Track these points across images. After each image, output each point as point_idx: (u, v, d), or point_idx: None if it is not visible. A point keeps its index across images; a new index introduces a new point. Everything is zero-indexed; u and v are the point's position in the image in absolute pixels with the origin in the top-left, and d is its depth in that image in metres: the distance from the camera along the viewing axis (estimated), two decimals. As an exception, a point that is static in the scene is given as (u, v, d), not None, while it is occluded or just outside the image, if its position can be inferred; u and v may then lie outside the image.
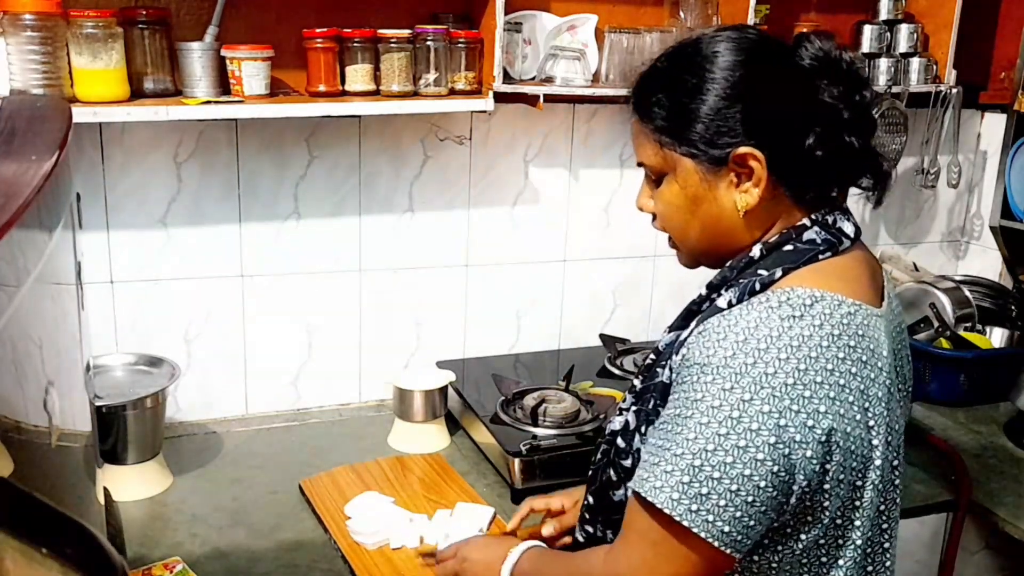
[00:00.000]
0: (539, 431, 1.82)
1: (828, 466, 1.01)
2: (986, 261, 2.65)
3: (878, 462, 1.06)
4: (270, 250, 2.01)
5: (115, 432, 1.69)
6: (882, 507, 1.13)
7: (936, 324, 2.27)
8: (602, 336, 2.29)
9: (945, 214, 2.70)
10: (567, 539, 1.43)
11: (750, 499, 0.98)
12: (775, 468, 0.98)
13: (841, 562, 1.09)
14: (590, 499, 1.23)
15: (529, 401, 1.91)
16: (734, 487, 0.98)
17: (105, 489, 1.39)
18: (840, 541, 1.08)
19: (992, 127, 2.58)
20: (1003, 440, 2.06)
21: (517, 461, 1.74)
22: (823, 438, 1.00)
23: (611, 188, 2.26)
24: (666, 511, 1.00)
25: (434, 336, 2.20)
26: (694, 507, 0.99)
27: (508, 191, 2.18)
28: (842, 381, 1.01)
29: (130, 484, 1.71)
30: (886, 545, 1.16)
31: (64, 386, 0.95)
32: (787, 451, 0.98)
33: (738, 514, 0.99)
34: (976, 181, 2.67)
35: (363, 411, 2.15)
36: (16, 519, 0.58)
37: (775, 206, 1.11)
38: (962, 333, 2.29)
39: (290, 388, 2.11)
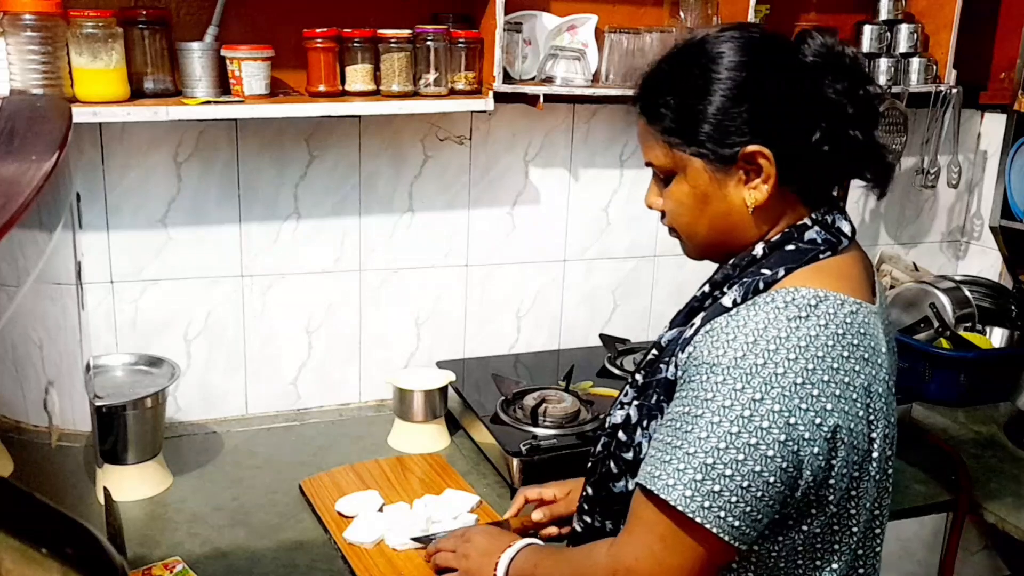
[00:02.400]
0: (539, 431, 1.82)
1: (833, 461, 1.05)
2: (986, 261, 2.65)
3: (875, 454, 1.10)
4: (270, 250, 2.01)
5: (115, 432, 1.69)
6: (878, 497, 1.16)
7: (936, 324, 2.27)
8: (602, 336, 2.29)
9: (945, 214, 2.70)
10: (553, 529, 1.48)
11: (759, 494, 1.01)
12: (784, 464, 1.01)
13: (838, 547, 1.12)
14: (589, 490, 1.25)
15: (529, 401, 1.91)
16: (745, 483, 1.01)
17: (105, 489, 1.39)
18: (838, 530, 1.11)
19: (992, 127, 2.58)
20: (1003, 440, 2.06)
21: (517, 461, 1.74)
22: (829, 435, 1.03)
23: (611, 188, 2.26)
24: (679, 508, 1.02)
25: (434, 336, 2.20)
26: (707, 504, 1.01)
27: (508, 191, 2.18)
28: (847, 379, 1.04)
29: (130, 484, 1.71)
30: (877, 531, 1.19)
31: (64, 386, 0.95)
32: (796, 448, 1.01)
33: (748, 509, 1.02)
34: (976, 181, 2.67)
35: (363, 411, 2.15)
36: (16, 519, 0.58)
37: (783, 202, 1.13)
38: (962, 333, 2.29)
39: (290, 388, 2.11)
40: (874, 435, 1.09)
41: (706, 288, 1.17)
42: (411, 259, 2.13)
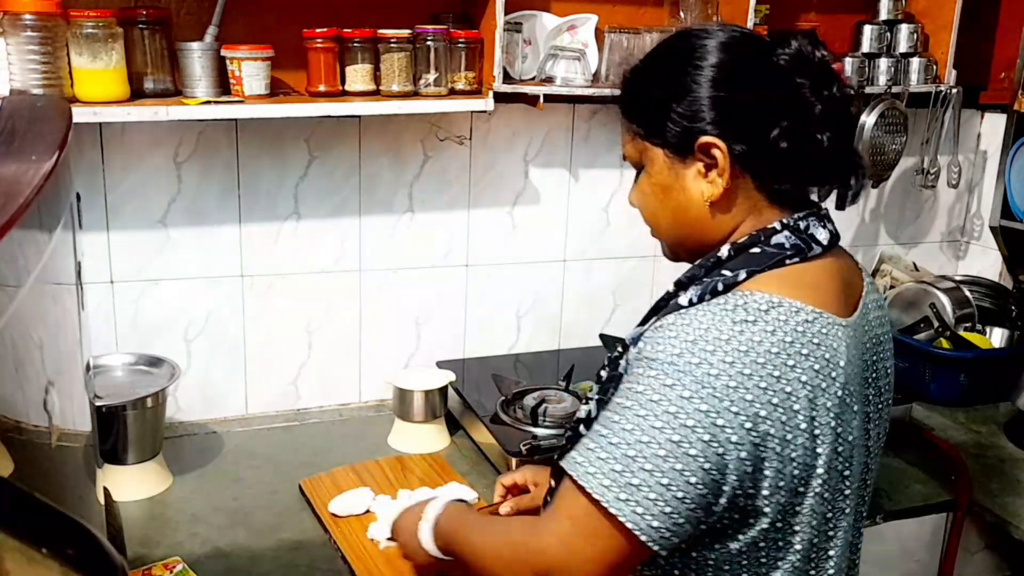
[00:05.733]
0: (539, 431, 1.82)
1: (765, 471, 1.02)
2: (986, 261, 2.65)
3: (821, 471, 1.06)
4: (270, 250, 2.01)
5: (115, 432, 1.69)
6: (828, 515, 1.11)
7: (936, 324, 2.27)
8: (602, 336, 2.29)
9: (945, 214, 2.70)
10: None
11: (680, 495, 0.99)
12: (706, 465, 0.99)
13: (780, 564, 1.09)
14: (553, 483, 1.24)
15: (529, 401, 1.91)
16: (665, 481, 0.99)
17: (105, 489, 1.39)
18: (780, 544, 1.08)
19: (992, 127, 2.58)
20: (1003, 440, 2.06)
21: (517, 461, 1.74)
22: (758, 441, 1.00)
23: (611, 188, 2.26)
24: (595, 496, 1.01)
25: (434, 336, 2.20)
26: (623, 496, 1.00)
27: (508, 191, 2.18)
28: (788, 388, 1.01)
29: (130, 484, 1.71)
30: (831, 552, 1.14)
31: (64, 386, 0.95)
32: (721, 450, 0.99)
33: (667, 510, 0.99)
34: (976, 181, 2.67)
35: (363, 411, 2.15)
36: (16, 519, 0.58)
37: (743, 199, 1.12)
38: (962, 333, 2.29)
39: (290, 388, 2.11)
40: (820, 450, 1.04)
41: (671, 288, 1.16)
42: (411, 259, 2.13)
